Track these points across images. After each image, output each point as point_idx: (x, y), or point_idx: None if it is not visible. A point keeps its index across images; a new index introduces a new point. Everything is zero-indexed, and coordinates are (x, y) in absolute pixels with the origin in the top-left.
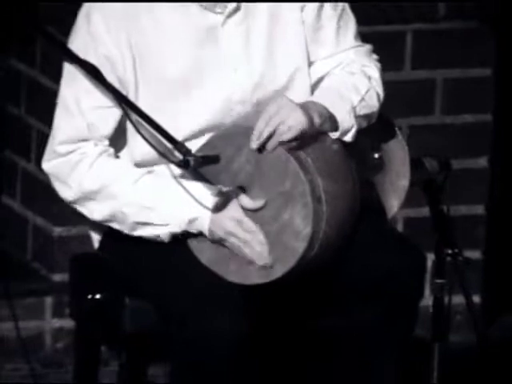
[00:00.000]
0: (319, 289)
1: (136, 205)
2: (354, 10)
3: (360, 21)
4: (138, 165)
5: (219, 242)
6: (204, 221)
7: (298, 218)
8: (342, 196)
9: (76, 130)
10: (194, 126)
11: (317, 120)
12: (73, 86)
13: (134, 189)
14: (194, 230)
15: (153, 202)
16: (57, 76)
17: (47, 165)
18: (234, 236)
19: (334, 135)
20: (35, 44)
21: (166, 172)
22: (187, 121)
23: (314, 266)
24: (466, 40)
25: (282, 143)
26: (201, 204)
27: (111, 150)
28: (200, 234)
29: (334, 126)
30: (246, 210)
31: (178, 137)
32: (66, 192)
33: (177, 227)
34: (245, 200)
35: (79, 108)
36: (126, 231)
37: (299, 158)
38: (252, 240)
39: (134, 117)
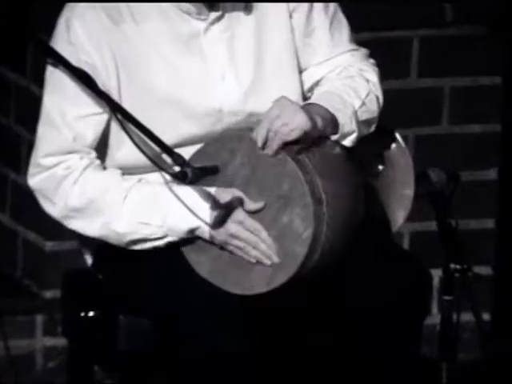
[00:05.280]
0: (321, 303)
1: (129, 224)
2: (356, 14)
3: (363, 26)
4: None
5: (222, 247)
6: (205, 228)
7: (298, 220)
8: (344, 198)
9: (61, 142)
10: (179, 136)
11: (319, 123)
12: (57, 96)
13: (124, 206)
14: (194, 236)
15: (147, 216)
16: None
17: (32, 180)
18: (236, 238)
19: (333, 137)
20: (26, 52)
21: (158, 180)
22: (172, 131)
23: (315, 272)
24: (474, 46)
25: (283, 145)
26: (199, 212)
27: (97, 162)
28: (198, 246)
29: (336, 129)
30: (246, 212)
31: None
32: (52, 209)
33: (175, 237)
34: (245, 201)
35: (64, 120)
36: (122, 247)
37: (297, 159)
38: (255, 240)
39: (116, 123)
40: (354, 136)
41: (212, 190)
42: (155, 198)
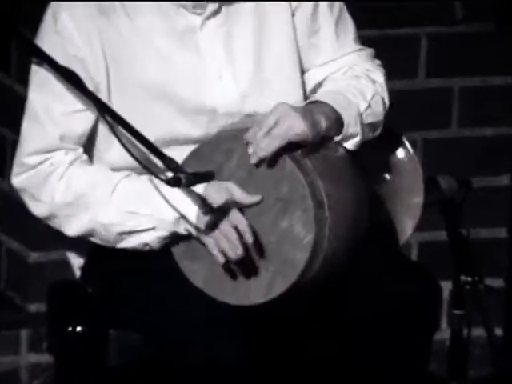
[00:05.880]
0: (324, 311)
1: (117, 214)
2: (361, 11)
3: (368, 23)
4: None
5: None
6: (191, 218)
7: (298, 224)
8: (347, 202)
9: (46, 140)
10: (171, 135)
11: (323, 125)
12: (42, 92)
13: (113, 198)
14: (182, 229)
15: (134, 206)
16: None
17: (16, 179)
18: (218, 229)
19: (336, 138)
20: (10, 51)
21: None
22: (164, 129)
23: (316, 282)
24: (486, 45)
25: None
26: (186, 201)
27: (84, 157)
28: (191, 254)
29: (340, 129)
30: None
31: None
32: (39, 208)
33: (164, 230)
34: (239, 193)
35: (50, 116)
36: (109, 245)
37: (297, 159)
38: (231, 231)
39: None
40: (357, 139)
41: (202, 186)
42: (144, 189)
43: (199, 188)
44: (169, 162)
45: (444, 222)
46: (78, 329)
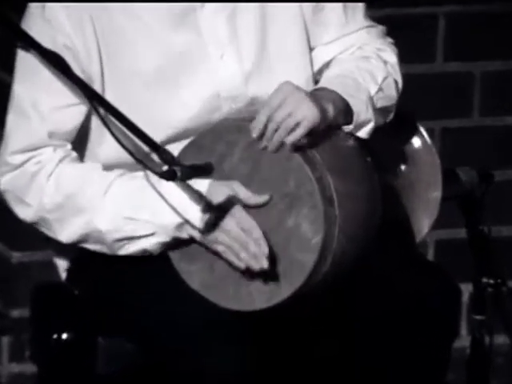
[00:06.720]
0: (331, 316)
1: (112, 218)
2: None
3: (381, 2)
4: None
5: (212, 249)
6: (195, 222)
7: (306, 223)
8: (359, 199)
9: (33, 137)
10: (171, 127)
11: (330, 111)
12: (29, 84)
13: (106, 199)
14: (184, 235)
15: (131, 210)
16: None
17: (0, 181)
18: (227, 235)
19: (348, 128)
20: None
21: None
22: (163, 122)
23: (324, 286)
24: (508, 26)
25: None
26: (188, 207)
27: (74, 154)
28: (188, 255)
29: (349, 118)
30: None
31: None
32: (26, 211)
33: (164, 235)
34: (244, 193)
35: (37, 111)
36: (106, 252)
37: (305, 153)
38: (245, 240)
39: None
40: (370, 126)
41: (206, 183)
42: (140, 191)
43: (202, 186)
44: (163, 154)
45: (463, 219)
46: (64, 336)
